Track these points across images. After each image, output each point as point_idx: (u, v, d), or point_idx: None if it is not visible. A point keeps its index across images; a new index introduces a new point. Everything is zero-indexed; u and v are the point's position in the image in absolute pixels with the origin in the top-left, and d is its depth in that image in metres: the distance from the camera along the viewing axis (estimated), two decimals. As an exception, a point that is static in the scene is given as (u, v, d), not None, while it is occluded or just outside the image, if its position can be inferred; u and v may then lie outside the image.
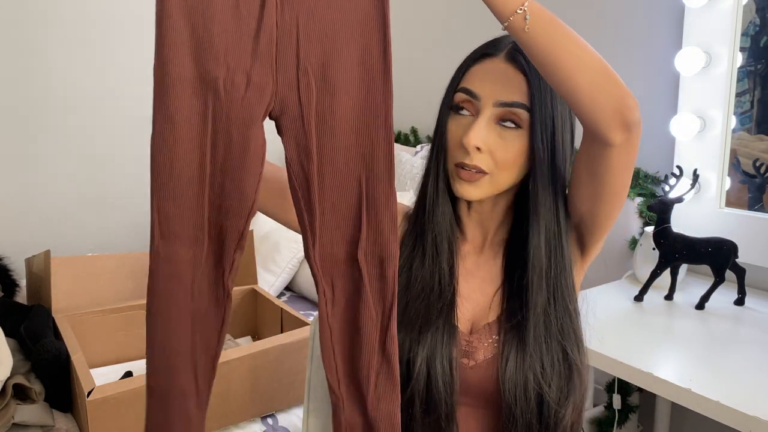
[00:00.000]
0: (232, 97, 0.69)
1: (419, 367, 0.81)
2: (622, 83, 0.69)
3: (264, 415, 1.47)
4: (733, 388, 1.07)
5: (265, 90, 0.70)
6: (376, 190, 0.72)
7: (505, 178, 0.82)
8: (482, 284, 0.88)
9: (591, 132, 0.72)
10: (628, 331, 1.33)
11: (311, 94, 0.71)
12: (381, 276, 0.73)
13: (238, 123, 0.69)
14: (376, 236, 0.73)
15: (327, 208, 0.73)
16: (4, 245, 2.15)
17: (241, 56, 0.69)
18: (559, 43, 0.68)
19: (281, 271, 2.15)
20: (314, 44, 0.70)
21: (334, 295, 0.74)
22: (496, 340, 0.83)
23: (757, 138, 1.55)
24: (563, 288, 0.82)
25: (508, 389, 0.79)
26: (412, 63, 2.60)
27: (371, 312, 0.73)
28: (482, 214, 0.88)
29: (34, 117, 2.31)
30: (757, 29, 1.52)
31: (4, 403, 1.27)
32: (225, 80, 0.68)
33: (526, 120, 0.80)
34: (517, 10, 0.67)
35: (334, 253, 0.74)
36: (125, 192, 2.53)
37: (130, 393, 1.25)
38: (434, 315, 0.83)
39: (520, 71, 0.80)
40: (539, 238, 0.82)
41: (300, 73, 0.70)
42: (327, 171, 0.72)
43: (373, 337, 0.73)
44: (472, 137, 0.79)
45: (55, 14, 2.29)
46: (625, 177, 0.76)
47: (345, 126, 0.72)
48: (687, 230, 1.50)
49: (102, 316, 1.64)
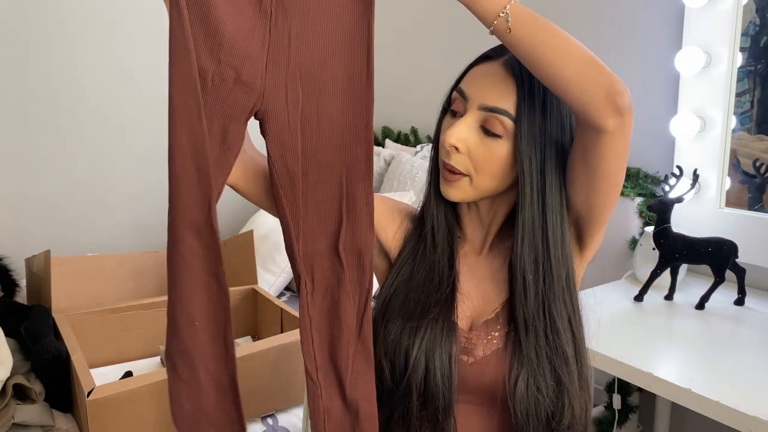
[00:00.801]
0: (219, 91, 0.72)
1: (417, 358, 0.82)
2: (609, 70, 0.70)
3: (264, 415, 1.47)
4: (733, 388, 1.07)
5: (252, 89, 0.73)
6: (356, 187, 0.78)
7: (486, 184, 0.82)
8: (482, 284, 0.88)
9: (584, 121, 0.73)
10: (628, 331, 1.33)
11: (298, 96, 0.75)
12: (359, 265, 0.79)
13: (220, 116, 0.73)
14: (354, 230, 0.78)
15: (310, 204, 0.78)
16: (4, 245, 2.15)
17: (234, 53, 0.72)
18: (542, 39, 0.70)
19: (281, 271, 2.15)
20: (304, 51, 0.74)
21: (314, 286, 0.79)
22: (495, 336, 0.84)
23: (757, 138, 1.55)
24: (551, 302, 0.81)
25: (519, 411, 0.79)
26: (412, 63, 2.61)
27: (350, 298, 0.79)
28: (480, 214, 0.89)
29: (35, 117, 2.31)
30: (757, 29, 1.52)
31: (4, 403, 1.27)
32: (214, 73, 0.72)
33: (510, 129, 0.79)
34: (500, 14, 0.69)
35: (315, 246, 0.79)
36: (125, 192, 2.54)
37: (130, 393, 1.25)
38: (432, 305, 0.84)
39: (512, 78, 0.80)
40: (522, 249, 0.82)
41: (289, 76, 0.74)
42: (311, 168, 0.77)
43: (352, 320, 0.79)
44: (449, 135, 0.80)
45: (55, 14, 2.29)
46: (619, 166, 0.77)
47: (329, 129, 0.76)
48: (687, 230, 1.51)
49: (102, 316, 1.64)
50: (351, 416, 0.79)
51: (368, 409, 0.79)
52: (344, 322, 0.78)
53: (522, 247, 0.82)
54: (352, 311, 0.79)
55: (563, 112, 0.81)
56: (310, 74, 0.74)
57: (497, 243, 0.89)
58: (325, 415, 0.78)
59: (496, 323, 0.84)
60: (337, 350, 0.78)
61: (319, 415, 0.78)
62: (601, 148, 0.74)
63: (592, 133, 0.73)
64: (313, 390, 0.78)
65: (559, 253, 0.82)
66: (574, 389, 0.81)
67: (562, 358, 0.81)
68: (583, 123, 0.74)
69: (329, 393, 0.79)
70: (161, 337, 1.75)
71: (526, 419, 0.79)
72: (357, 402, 0.79)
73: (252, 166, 0.86)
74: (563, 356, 0.81)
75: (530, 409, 0.79)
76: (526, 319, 0.81)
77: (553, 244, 0.81)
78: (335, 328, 0.79)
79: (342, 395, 0.79)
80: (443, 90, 0.87)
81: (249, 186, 0.86)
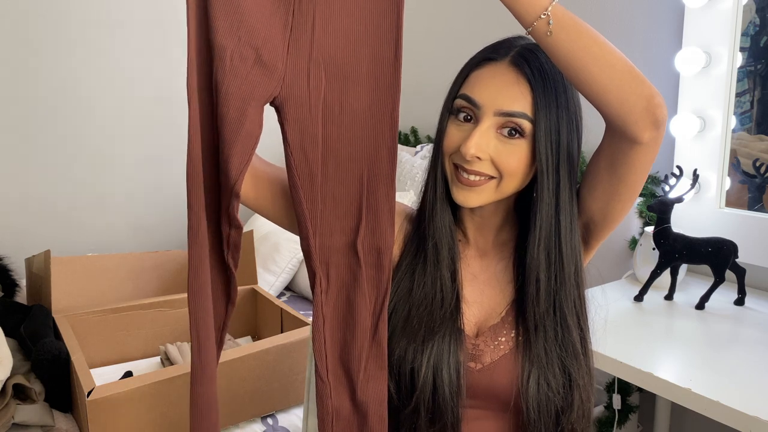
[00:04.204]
0: (237, 71, 0.67)
1: (424, 376, 0.80)
2: (649, 82, 0.68)
3: (264, 415, 1.47)
4: (733, 388, 1.07)
5: (273, 71, 0.69)
6: (377, 183, 0.74)
7: (512, 185, 0.81)
8: (487, 288, 0.87)
9: (619, 132, 0.71)
10: (628, 331, 1.33)
11: (320, 83, 0.70)
12: (377, 264, 0.75)
13: (236, 98, 0.68)
14: (374, 227, 0.75)
15: (328, 197, 0.74)
16: (4, 245, 2.15)
17: (255, 33, 0.68)
18: (582, 44, 0.67)
19: (281, 271, 2.15)
20: (329, 36, 0.70)
21: (329, 284, 0.76)
22: (502, 342, 0.83)
23: (757, 138, 1.55)
24: (563, 300, 0.81)
25: (531, 409, 0.79)
26: (412, 63, 2.60)
27: (366, 298, 0.75)
28: (483, 218, 0.87)
29: (35, 117, 2.31)
30: (757, 29, 1.52)
31: (4, 403, 1.27)
32: (233, 51, 0.67)
33: (528, 129, 0.77)
34: (541, 15, 0.66)
35: (332, 242, 0.75)
36: (125, 192, 2.54)
37: (130, 393, 1.25)
38: (437, 323, 0.82)
39: (524, 79, 0.77)
40: (538, 250, 0.81)
41: (312, 61, 0.70)
42: (331, 160, 0.73)
43: (367, 322, 0.75)
44: (471, 146, 0.76)
45: (55, 14, 2.29)
46: (645, 176, 0.76)
47: (352, 119, 0.72)
48: (687, 230, 1.50)
49: (102, 316, 1.64)
50: (360, 417, 0.77)
51: (378, 411, 0.77)
52: (359, 323, 0.75)
53: (537, 249, 0.80)
54: (367, 312, 0.76)
55: (572, 109, 0.80)
56: (335, 60, 0.70)
57: (498, 244, 0.89)
58: (333, 415, 0.76)
59: (503, 328, 0.84)
60: (350, 352, 0.76)
61: (327, 414, 0.76)
62: (632, 158, 0.72)
63: (624, 143, 0.71)
64: (322, 389, 0.76)
65: (569, 250, 0.81)
66: (582, 383, 0.82)
67: (571, 354, 0.81)
68: (617, 133, 0.72)
69: (338, 393, 0.76)
70: (161, 337, 1.76)
71: (537, 417, 0.79)
72: (367, 403, 0.76)
73: (263, 176, 0.83)
74: (573, 352, 0.81)
75: (542, 407, 0.79)
76: (536, 319, 0.81)
77: (564, 242, 0.81)
78: (349, 329, 0.76)
79: (352, 396, 0.77)
80: (443, 89, 0.84)
81: (259, 198, 0.83)
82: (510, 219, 0.88)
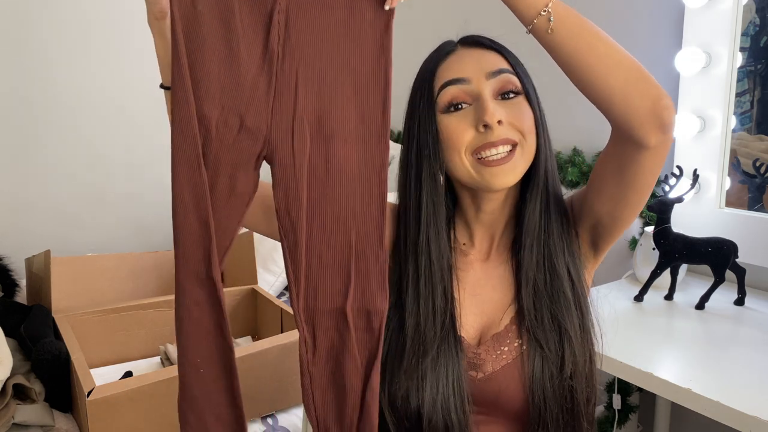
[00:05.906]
0: (224, 139, 0.68)
1: (429, 415, 0.78)
2: (656, 82, 0.66)
3: (264, 415, 1.47)
4: (733, 388, 1.07)
5: (258, 136, 0.69)
6: (367, 244, 0.72)
7: (530, 146, 0.79)
8: (491, 292, 0.86)
9: (625, 134, 0.68)
10: (628, 331, 1.33)
11: (305, 143, 0.70)
12: (368, 328, 0.73)
13: (226, 165, 0.69)
14: (364, 290, 0.72)
15: (314, 260, 0.72)
16: (4, 245, 2.15)
17: (238, 99, 0.68)
18: (585, 42, 0.65)
19: (281, 271, 2.15)
20: (312, 95, 0.69)
21: (315, 345, 0.73)
22: (505, 351, 0.81)
23: (757, 138, 1.55)
24: (558, 297, 0.81)
25: (537, 399, 0.78)
26: (411, 63, 2.60)
27: (356, 362, 0.73)
28: (493, 215, 0.86)
29: (35, 117, 2.31)
30: (757, 29, 1.52)
31: (4, 403, 1.27)
32: (218, 120, 0.68)
33: (520, 86, 0.79)
34: (541, 12, 0.65)
35: (318, 305, 0.73)
36: (125, 192, 2.54)
37: (130, 393, 1.25)
38: (435, 350, 0.79)
39: (487, 48, 0.80)
40: (531, 250, 0.82)
41: (295, 121, 0.69)
42: (316, 222, 0.71)
43: (357, 387, 0.73)
44: (491, 112, 0.75)
45: (56, 15, 2.29)
46: (654, 179, 0.74)
47: (339, 178, 0.71)
48: (687, 230, 1.50)
49: (102, 316, 1.64)
50: None
51: None
52: (348, 388, 0.73)
53: (531, 250, 0.82)
54: (357, 377, 0.73)
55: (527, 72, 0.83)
56: (320, 119, 0.69)
57: (500, 247, 0.88)
58: None
59: (506, 337, 0.82)
60: (340, 411, 0.73)
61: None
62: (639, 163, 0.70)
63: (630, 148, 0.69)
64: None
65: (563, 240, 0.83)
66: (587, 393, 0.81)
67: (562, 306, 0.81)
68: (623, 137, 0.69)
69: None
70: (161, 337, 1.76)
71: (542, 401, 0.78)
72: None
73: (258, 199, 0.82)
74: (564, 305, 0.81)
75: (543, 417, 0.78)
76: (535, 323, 0.80)
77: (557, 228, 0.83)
78: (338, 391, 0.73)
79: None
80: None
81: (248, 216, 0.80)
82: (512, 219, 0.87)
